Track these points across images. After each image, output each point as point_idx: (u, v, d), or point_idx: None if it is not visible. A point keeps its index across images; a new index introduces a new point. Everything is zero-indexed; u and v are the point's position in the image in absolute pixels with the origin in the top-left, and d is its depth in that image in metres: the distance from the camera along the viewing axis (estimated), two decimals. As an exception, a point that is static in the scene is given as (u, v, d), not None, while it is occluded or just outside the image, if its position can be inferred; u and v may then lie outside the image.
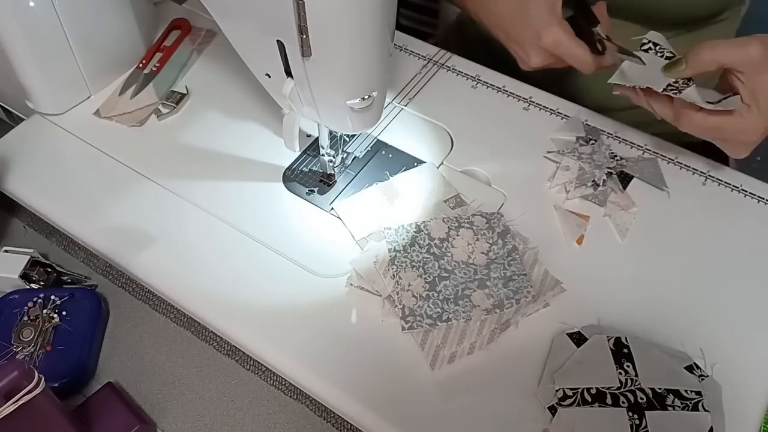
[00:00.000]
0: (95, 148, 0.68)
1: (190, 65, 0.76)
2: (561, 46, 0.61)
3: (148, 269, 0.60)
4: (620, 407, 0.50)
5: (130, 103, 0.72)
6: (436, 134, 0.70)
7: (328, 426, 0.56)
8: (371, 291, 0.57)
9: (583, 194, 0.64)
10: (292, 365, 0.54)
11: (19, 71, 0.66)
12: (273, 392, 0.58)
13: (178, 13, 0.81)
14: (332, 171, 0.65)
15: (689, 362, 0.53)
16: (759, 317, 0.57)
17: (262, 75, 0.57)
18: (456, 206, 0.63)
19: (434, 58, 0.77)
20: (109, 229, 0.62)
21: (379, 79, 0.53)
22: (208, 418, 0.57)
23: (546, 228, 0.62)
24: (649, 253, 0.61)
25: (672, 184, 0.65)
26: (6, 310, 0.59)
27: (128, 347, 0.60)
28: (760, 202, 0.65)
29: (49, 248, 0.67)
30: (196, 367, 0.59)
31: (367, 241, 0.60)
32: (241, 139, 0.69)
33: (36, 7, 0.62)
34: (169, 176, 0.65)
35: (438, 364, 0.53)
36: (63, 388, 0.56)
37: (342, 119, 0.55)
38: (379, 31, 0.49)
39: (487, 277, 0.57)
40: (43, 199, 0.65)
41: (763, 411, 0.52)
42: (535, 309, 0.56)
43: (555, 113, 0.72)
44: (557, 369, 0.53)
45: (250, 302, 0.57)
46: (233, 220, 0.62)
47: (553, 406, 0.51)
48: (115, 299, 0.63)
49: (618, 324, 0.56)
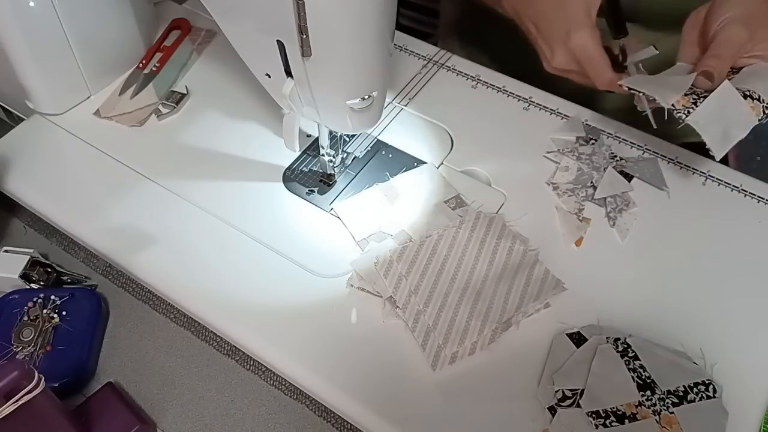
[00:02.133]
0: (95, 148, 0.68)
1: (190, 65, 0.76)
2: (586, 49, 0.62)
3: (148, 269, 0.60)
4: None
5: (130, 103, 0.72)
6: (436, 134, 0.70)
7: (328, 426, 0.56)
8: (372, 292, 0.57)
9: (584, 195, 0.64)
10: (292, 365, 0.54)
11: (19, 71, 0.66)
12: (273, 392, 0.58)
13: (178, 13, 0.81)
14: (332, 171, 0.65)
15: (689, 362, 0.53)
16: (759, 317, 0.57)
17: (262, 75, 0.57)
18: (456, 207, 0.63)
19: (434, 58, 0.77)
20: (109, 229, 0.62)
21: (379, 79, 0.53)
22: (208, 418, 0.57)
23: (546, 228, 0.62)
24: (649, 253, 0.61)
25: (672, 184, 0.65)
26: (6, 310, 0.59)
27: (128, 347, 0.60)
28: (760, 202, 0.65)
29: (49, 248, 0.67)
30: (196, 367, 0.59)
31: (368, 242, 0.60)
32: (241, 139, 0.69)
33: (36, 7, 0.62)
34: (169, 176, 0.65)
35: (439, 364, 0.53)
36: (63, 388, 0.56)
37: (342, 119, 0.55)
38: (379, 31, 0.49)
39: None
40: (43, 199, 0.65)
41: (763, 411, 0.52)
42: (536, 309, 0.56)
43: (555, 113, 0.72)
44: (557, 369, 0.53)
45: (250, 302, 0.57)
46: (233, 220, 0.62)
47: (552, 407, 0.51)
48: (115, 299, 0.63)
49: (618, 324, 0.56)
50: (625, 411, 0.50)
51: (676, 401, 0.51)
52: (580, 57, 0.62)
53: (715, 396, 0.51)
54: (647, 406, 0.50)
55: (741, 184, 0.66)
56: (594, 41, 0.61)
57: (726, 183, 0.66)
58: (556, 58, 0.64)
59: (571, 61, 0.64)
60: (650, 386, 0.51)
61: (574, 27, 0.61)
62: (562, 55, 0.63)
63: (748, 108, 0.57)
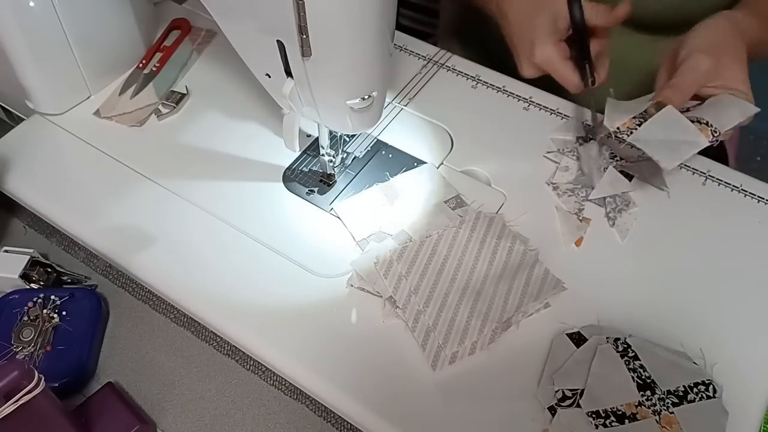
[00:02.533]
0: (95, 148, 0.68)
1: (190, 65, 0.76)
2: (551, 64, 0.64)
3: (148, 269, 0.60)
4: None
5: (130, 103, 0.72)
6: (436, 134, 0.70)
7: (328, 426, 0.56)
8: (372, 292, 0.57)
9: (584, 195, 0.64)
10: (292, 365, 0.54)
11: (19, 71, 0.66)
12: (273, 392, 0.58)
13: (178, 13, 0.81)
14: (332, 171, 0.65)
15: (689, 362, 0.53)
16: (759, 317, 0.57)
17: (262, 75, 0.57)
18: (456, 207, 0.63)
19: (434, 58, 0.77)
20: (109, 229, 0.62)
21: (379, 79, 0.53)
22: (208, 418, 0.57)
23: (546, 228, 0.62)
24: (649, 253, 0.61)
25: (672, 184, 0.65)
26: (6, 310, 0.59)
27: (128, 347, 0.60)
28: (760, 202, 0.65)
29: (49, 248, 0.67)
30: (196, 367, 0.59)
31: (368, 242, 0.60)
32: (241, 139, 0.69)
33: (36, 7, 0.62)
34: (169, 176, 0.65)
35: (439, 364, 0.53)
36: (63, 388, 0.56)
37: (342, 119, 0.55)
38: (379, 31, 0.49)
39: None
40: (43, 199, 0.65)
41: (763, 411, 0.52)
42: (536, 309, 0.56)
43: (555, 113, 0.72)
44: (557, 369, 0.53)
45: (250, 302, 0.57)
46: (233, 220, 0.62)
47: (552, 407, 0.51)
48: (115, 299, 0.63)
49: (618, 324, 0.56)
50: (625, 411, 0.50)
51: (676, 401, 0.51)
52: (545, 69, 0.65)
53: (715, 396, 0.51)
54: (647, 406, 0.50)
55: (741, 184, 0.66)
56: (558, 55, 0.64)
57: (726, 183, 0.66)
58: (524, 70, 0.67)
59: (537, 72, 0.66)
60: (650, 386, 0.51)
61: (538, 42, 0.64)
62: (527, 68, 0.67)
63: (695, 128, 0.58)
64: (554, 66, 0.64)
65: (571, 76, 0.64)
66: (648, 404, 0.51)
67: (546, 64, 0.64)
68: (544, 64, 0.64)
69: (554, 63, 0.64)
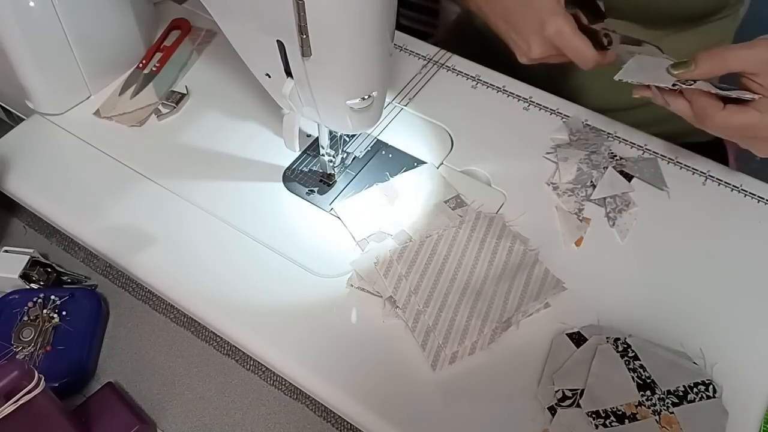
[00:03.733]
0: (95, 148, 0.68)
1: (190, 65, 0.76)
2: (563, 36, 0.61)
3: (148, 269, 0.60)
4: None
5: (130, 103, 0.72)
6: (436, 134, 0.70)
7: (328, 426, 0.56)
8: (372, 292, 0.57)
9: (584, 195, 0.64)
10: (292, 365, 0.54)
11: (19, 71, 0.66)
12: (273, 392, 0.58)
13: (178, 13, 0.81)
14: (332, 171, 0.65)
15: (689, 362, 0.53)
16: (759, 317, 0.57)
17: (262, 75, 0.57)
18: (456, 207, 0.63)
19: (434, 58, 0.77)
20: (109, 229, 0.62)
21: (379, 79, 0.53)
22: (208, 418, 0.57)
23: (546, 228, 0.62)
24: (649, 253, 0.61)
25: (672, 184, 0.65)
26: (6, 310, 0.59)
27: (128, 347, 0.60)
28: (760, 202, 0.65)
29: (49, 248, 0.67)
30: (196, 367, 0.59)
31: (368, 242, 0.60)
32: (241, 139, 0.69)
33: (36, 7, 0.62)
34: (169, 176, 0.65)
35: (439, 364, 0.53)
36: (63, 388, 0.56)
37: (342, 119, 0.55)
38: (379, 31, 0.49)
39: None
40: (43, 199, 0.65)
41: (763, 411, 0.52)
42: (536, 309, 0.56)
43: (555, 113, 0.72)
44: (557, 369, 0.53)
45: (250, 302, 0.57)
46: (233, 220, 0.62)
47: (552, 407, 0.51)
48: (115, 299, 0.63)
49: (618, 324, 0.56)
50: (625, 411, 0.50)
51: (676, 401, 0.51)
52: (558, 44, 0.62)
53: (715, 396, 0.51)
54: (647, 406, 0.50)
55: (741, 184, 0.66)
56: (569, 26, 0.61)
57: (726, 183, 0.66)
58: (533, 49, 0.64)
59: (548, 50, 0.64)
60: (650, 386, 0.51)
61: (546, 16, 0.62)
62: (538, 45, 0.64)
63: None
64: (567, 37, 0.61)
65: (584, 47, 0.62)
66: (648, 404, 0.51)
67: (558, 36, 0.62)
68: (557, 36, 0.62)
69: (567, 34, 0.61)
